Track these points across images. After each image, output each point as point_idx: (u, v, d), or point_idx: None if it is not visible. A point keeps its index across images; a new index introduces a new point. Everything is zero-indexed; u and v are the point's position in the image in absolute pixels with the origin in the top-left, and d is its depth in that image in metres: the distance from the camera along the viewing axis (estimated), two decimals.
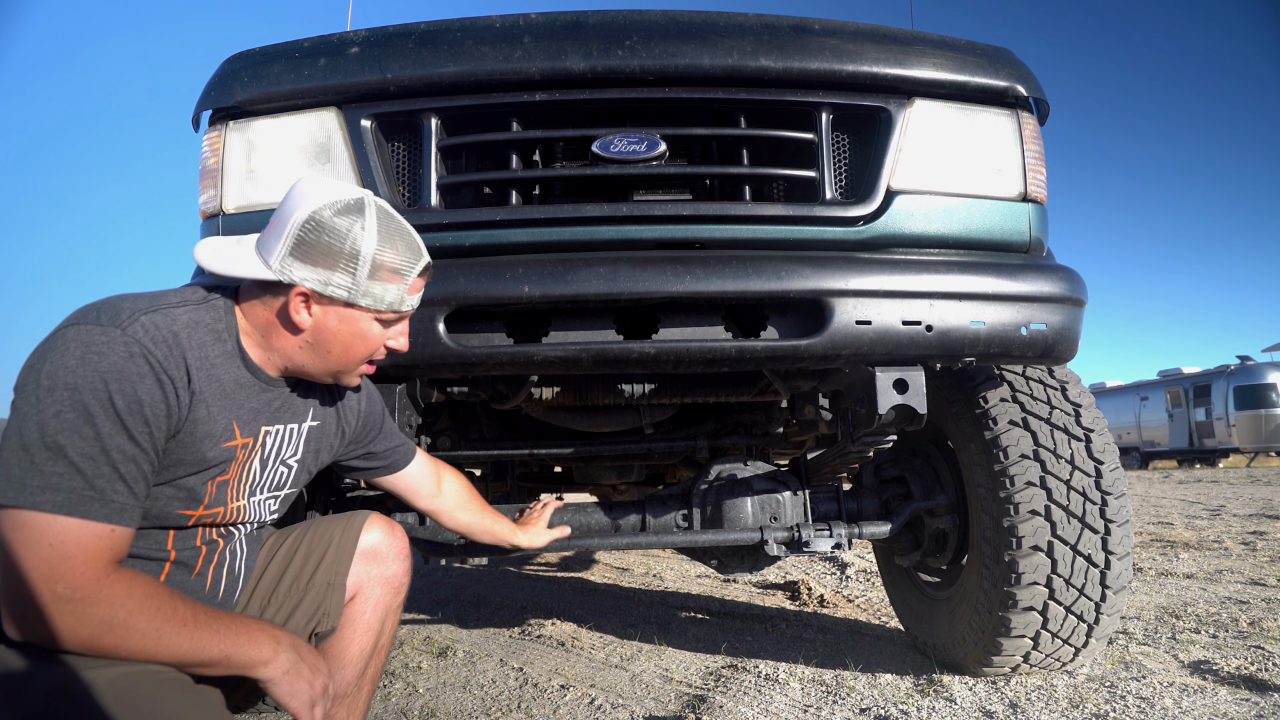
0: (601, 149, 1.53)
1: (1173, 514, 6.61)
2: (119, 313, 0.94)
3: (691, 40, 1.54)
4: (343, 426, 1.30)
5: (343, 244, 1.03)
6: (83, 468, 0.86)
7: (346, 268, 1.03)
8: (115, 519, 0.89)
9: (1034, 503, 1.81)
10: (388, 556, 1.34)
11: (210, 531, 1.11)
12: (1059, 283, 1.56)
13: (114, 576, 0.87)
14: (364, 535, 1.33)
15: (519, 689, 2.18)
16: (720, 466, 2.11)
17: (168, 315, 0.98)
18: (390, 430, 1.42)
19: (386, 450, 1.41)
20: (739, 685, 2.12)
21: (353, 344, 1.09)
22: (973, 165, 1.64)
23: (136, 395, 0.90)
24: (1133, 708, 1.84)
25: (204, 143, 1.60)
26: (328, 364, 1.11)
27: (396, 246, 1.07)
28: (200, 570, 1.10)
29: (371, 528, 1.34)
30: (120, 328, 0.92)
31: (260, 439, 1.12)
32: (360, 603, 1.30)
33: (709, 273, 1.43)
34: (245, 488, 1.12)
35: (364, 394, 1.35)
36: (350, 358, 1.11)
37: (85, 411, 0.87)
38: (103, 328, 0.91)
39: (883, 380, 1.53)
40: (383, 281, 1.06)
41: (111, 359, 0.90)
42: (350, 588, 1.29)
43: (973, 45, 1.67)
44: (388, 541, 1.34)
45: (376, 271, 1.05)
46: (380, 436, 1.40)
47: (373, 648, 1.31)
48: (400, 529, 1.38)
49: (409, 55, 1.52)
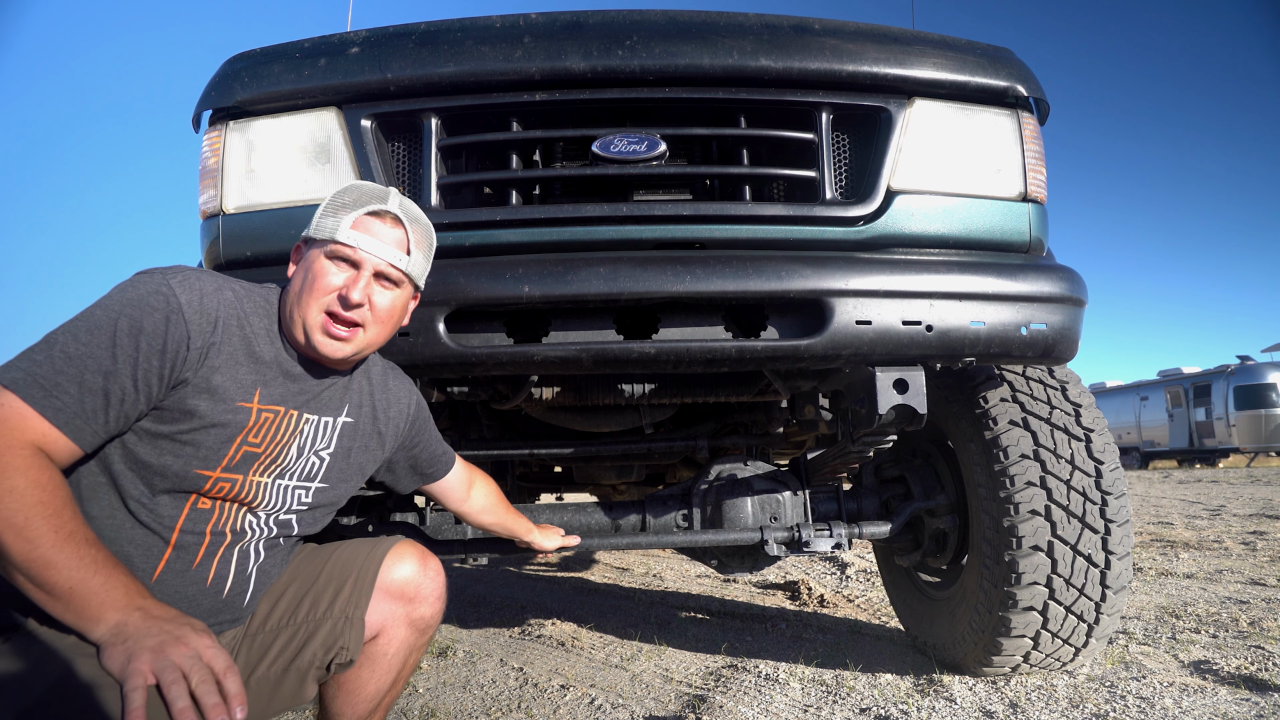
0: (601, 149, 1.53)
1: (1173, 514, 6.61)
2: (171, 268, 1.05)
3: (691, 40, 1.53)
4: (379, 428, 1.30)
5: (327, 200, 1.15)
6: (55, 361, 0.93)
7: (318, 212, 1.15)
8: (52, 415, 0.92)
9: (1034, 503, 1.81)
10: (420, 598, 1.25)
11: (224, 523, 1.10)
12: (1059, 283, 1.56)
13: (26, 453, 0.89)
14: (395, 568, 1.24)
15: (519, 689, 2.18)
16: (720, 466, 2.11)
17: (222, 281, 1.09)
18: (434, 439, 1.46)
19: (430, 458, 1.46)
20: (739, 685, 2.12)
21: (307, 280, 1.11)
22: (973, 165, 1.64)
23: (140, 324, 0.98)
24: (1133, 708, 1.84)
25: (204, 143, 1.60)
26: (295, 310, 1.11)
27: (353, 190, 1.15)
28: (201, 561, 1.09)
29: (401, 559, 1.25)
30: (165, 275, 1.02)
31: (298, 424, 1.15)
32: (383, 643, 1.23)
33: (709, 273, 1.43)
34: (275, 467, 1.14)
35: (412, 401, 1.38)
36: (306, 300, 1.10)
37: (90, 323, 0.96)
38: (151, 274, 1.02)
39: (883, 380, 1.53)
40: (330, 216, 1.13)
41: (139, 291, 1.00)
42: (374, 625, 1.21)
43: (973, 45, 1.67)
44: (421, 579, 1.26)
45: (332, 209, 1.13)
46: (424, 444, 1.43)
47: (390, 684, 1.27)
48: (436, 561, 1.29)
49: (409, 55, 1.52)
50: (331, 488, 1.25)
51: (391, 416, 1.32)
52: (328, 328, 1.11)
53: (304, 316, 1.10)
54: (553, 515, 2.07)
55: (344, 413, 1.23)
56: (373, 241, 1.12)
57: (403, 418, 1.35)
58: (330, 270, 1.11)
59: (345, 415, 1.23)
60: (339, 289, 1.10)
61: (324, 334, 1.11)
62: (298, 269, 1.15)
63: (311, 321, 1.10)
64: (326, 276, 1.10)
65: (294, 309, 1.12)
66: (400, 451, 1.39)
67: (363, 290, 1.11)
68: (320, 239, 1.12)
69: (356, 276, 1.11)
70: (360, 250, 1.11)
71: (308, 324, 1.10)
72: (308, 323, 1.10)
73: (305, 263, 1.14)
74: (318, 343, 1.11)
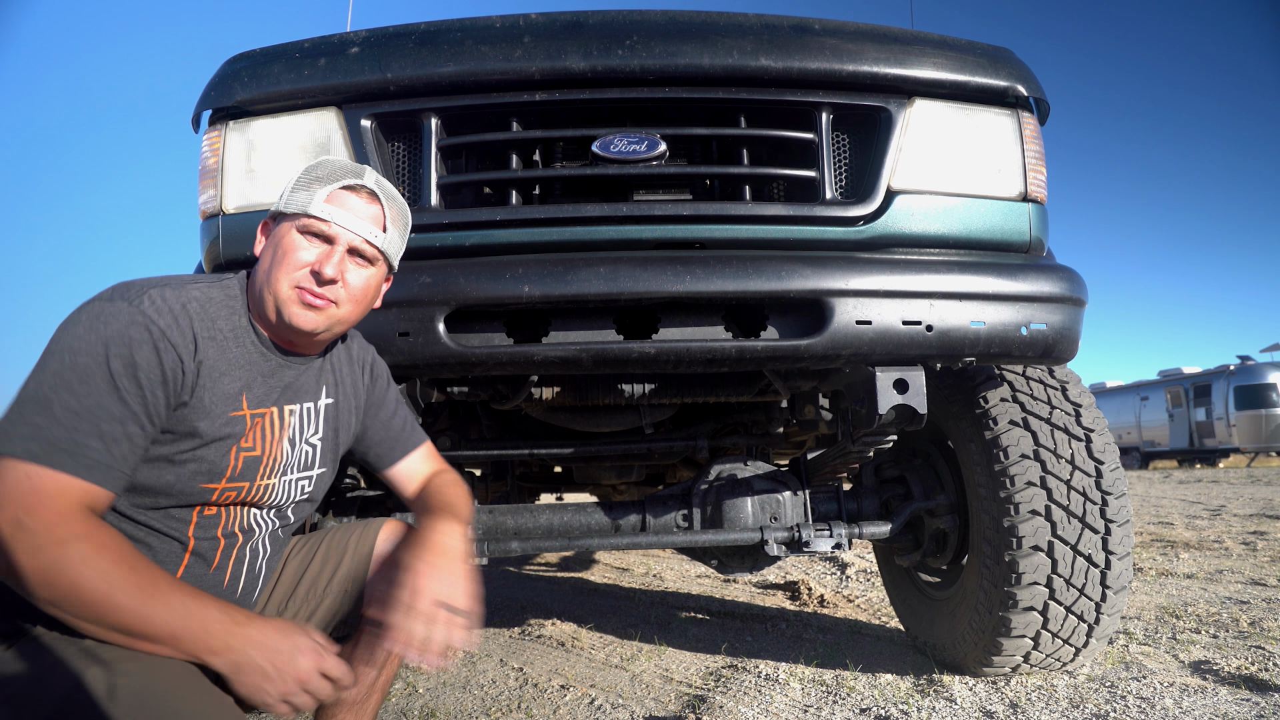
0: (601, 149, 1.53)
1: (1173, 514, 6.61)
2: (130, 288, 1.00)
3: (691, 40, 1.53)
4: (355, 402, 1.29)
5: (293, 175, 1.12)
6: (64, 421, 0.90)
7: (286, 186, 1.11)
8: (86, 474, 0.91)
9: (1034, 503, 1.81)
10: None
11: (232, 524, 1.11)
12: (1059, 283, 1.56)
13: (78, 520, 0.89)
14: (389, 542, 1.28)
15: (519, 689, 2.18)
16: (720, 466, 2.11)
17: (178, 290, 1.03)
18: (397, 416, 1.37)
19: (384, 434, 1.35)
20: (739, 685, 2.12)
21: (277, 255, 1.08)
22: (973, 165, 1.64)
23: (132, 359, 0.95)
24: (1133, 708, 1.84)
25: (204, 143, 1.60)
26: (265, 285, 1.08)
27: (325, 166, 1.12)
28: (219, 564, 1.11)
29: (395, 534, 1.30)
30: (128, 301, 0.97)
31: (284, 418, 1.14)
32: None
33: (709, 273, 1.43)
34: (278, 466, 1.14)
35: (374, 367, 1.33)
36: (277, 275, 1.07)
37: (79, 371, 0.92)
38: (113, 302, 0.97)
39: (883, 380, 1.53)
40: (305, 190, 1.09)
41: (114, 327, 0.95)
42: (367, 596, 1.25)
43: (973, 45, 1.67)
44: None
45: (303, 184, 1.09)
46: (381, 414, 1.34)
47: (385, 657, 1.28)
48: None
49: (409, 55, 1.52)
50: (329, 471, 1.26)
51: (356, 378, 1.30)
52: (303, 298, 1.07)
53: (274, 291, 1.07)
54: (553, 515, 2.07)
55: (323, 395, 1.22)
56: (347, 216, 1.08)
57: (367, 370, 1.32)
58: (301, 244, 1.07)
59: (325, 397, 1.22)
60: (311, 264, 1.07)
61: (299, 304, 1.07)
62: (266, 245, 1.11)
63: (283, 295, 1.07)
64: (298, 251, 1.07)
65: (263, 286, 1.08)
66: (365, 418, 1.33)
67: (336, 265, 1.07)
68: (291, 213, 1.08)
69: (330, 251, 1.08)
70: (334, 224, 1.08)
71: (279, 298, 1.07)
72: (279, 297, 1.07)
73: (274, 238, 1.10)
74: (290, 314, 1.07)
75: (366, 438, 1.34)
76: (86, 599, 0.86)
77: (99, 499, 0.93)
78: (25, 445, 0.89)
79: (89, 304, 0.98)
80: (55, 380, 0.91)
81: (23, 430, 0.89)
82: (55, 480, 0.89)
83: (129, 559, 0.90)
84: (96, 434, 0.92)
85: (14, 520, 0.86)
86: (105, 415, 0.92)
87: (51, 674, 0.87)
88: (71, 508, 0.89)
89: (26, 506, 0.87)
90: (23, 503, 0.87)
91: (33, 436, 0.89)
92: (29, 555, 0.86)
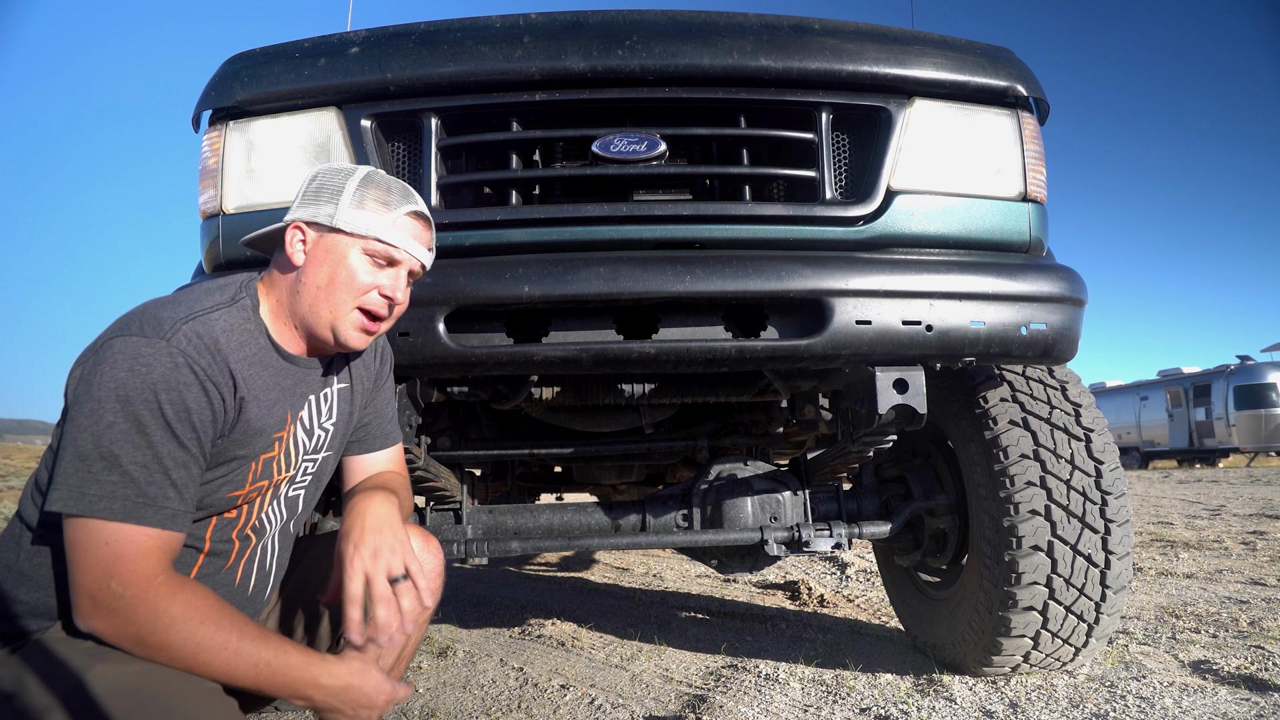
0: (601, 149, 1.53)
1: (1173, 514, 6.61)
2: (161, 323, 0.98)
3: (691, 40, 1.54)
4: (366, 385, 1.30)
5: (332, 183, 1.11)
6: (136, 476, 0.91)
7: (332, 199, 1.10)
8: (167, 524, 0.93)
9: (1034, 502, 1.81)
10: (423, 573, 1.27)
11: (245, 525, 1.13)
12: (1059, 282, 1.56)
13: (164, 578, 0.92)
14: None
15: (519, 689, 2.18)
16: (720, 466, 2.11)
17: (206, 323, 1.02)
18: (390, 405, 1.38)
19: (374, 419, 1.35)
20: (739, 685, 2.12)
21: (338, 274, 1.08)
22: (973, 165, 1.64)
23: (185, 404, 0.95)
24: (1133, 708, 1.84)
25: (204, 143, 1.60)
26: (319, 303, 1.08)
27: (381, 185, 1.12)
28: (233, 564, 1.12)
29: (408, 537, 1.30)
30: (165, 339, 0.96)
31: (298, 412, 1.16)
32: None
33: (709, 273, 1.43)
34: (293, 458, 1.16)
35: (384, 351, 1.35)
36: (337, 293, 1.08)
37: (137, 422, 0.92)
38: (148, 339, 0.96)
39: (883, 380, 1.53)
40: (368, 211, 1.09)
41: (159, 370, 0.94)
42: None
43: (973, 45, 1.67)
44: (423, 555, 1.27)
45: (362, 201, 1.09)
46: (377, 400, 1.35)
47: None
48: (435, 541, 1.31)
49: (409, 55, 1.52)
50: (334, 455, 1.28)
51: (367, 364, 1.31)
52: (363, 323, 1.11)
53: (334, 312, 1.08)
54: (553, 515, 2.07)
55: (337, 380, 1.24)
56: (413, 244, 1.12)
57: (376, 358, 1.33)
58: (366, 267, 1.09)
59: (339, 382, 1.24)
60: (378, 287, 1.10)
61: (358, 329, 1.11)
62: (317, 259, 1.09)
63: (345, 318, 1.09)
64: (364, 275, 1.09)
65: (319, 305, 1.08)
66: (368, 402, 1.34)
67: (404, 290, 1.14)
68: (354, 233, 1.08)
69: (396, 275, 1.12)
70: (403, 250, 1.11)
71: (338, 318, 1.09)
72: (339, 318, 1.09)
73: (333, 255, 1.08)
74: (346, 336, 1.10)
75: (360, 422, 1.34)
76: (176, 656, 0.90)
77: (176, 544, 0.96)
78: (106, 505, 0.90)
79: (120, 340, 0.95)
80: (114, 433, 0.91)
81: (97, 490, 0.90)
82: (137, 538, 0.91)
83: (214, 615, 0.93)
84: (169, 483, 0.94)
85: (104, 585, 0.88)
86: (173, 463, 0.94)
87: (54, 677, 0.87)
88: (157, 566, 0.92)
89: (114, 570, 0.89)
90: (110, 567, 0.89)
91: (111, 495, 0.90)
92: (123, 621, 0.89)
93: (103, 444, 0.90)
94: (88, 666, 0.88)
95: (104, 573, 0.88)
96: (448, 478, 2.09)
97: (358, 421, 1.33)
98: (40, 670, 0.88)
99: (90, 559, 0.89)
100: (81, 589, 0.89)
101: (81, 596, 0.90)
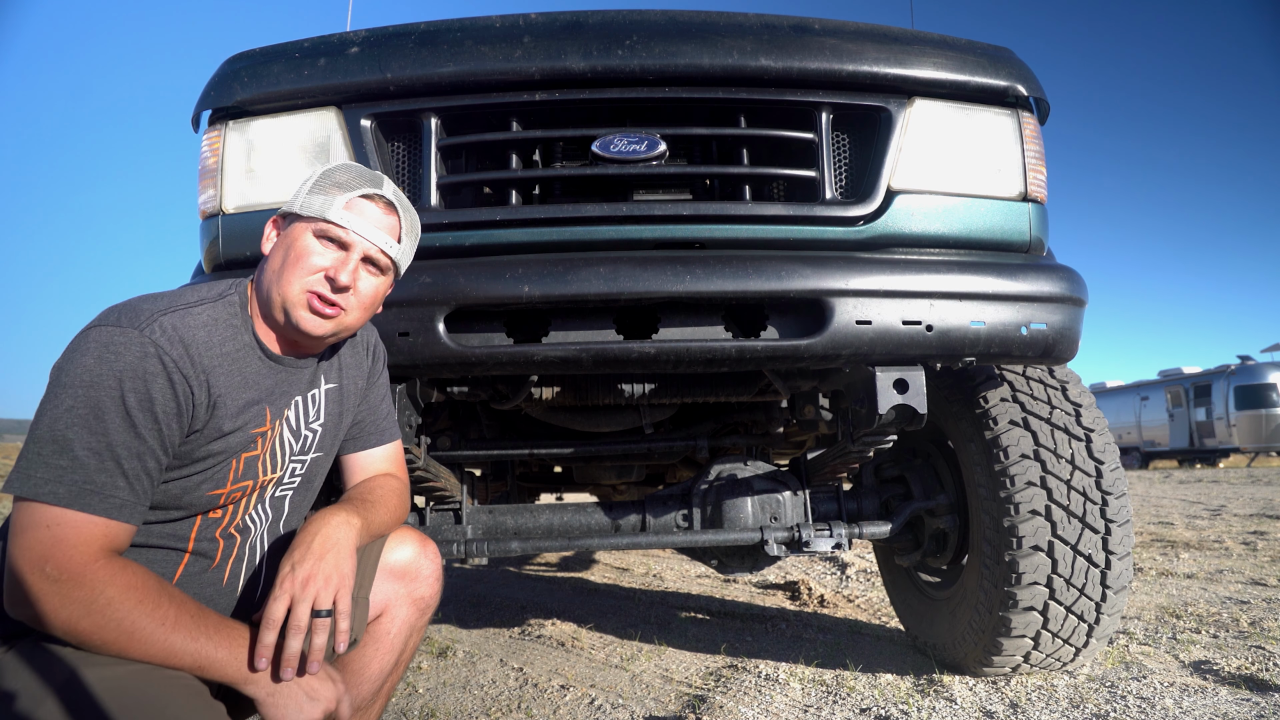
0: (601, 149, 1.53)
1: (1173, 514, 6.61)
2: (138, 314, 0.97)
3: (691, 40, 1.53)
4: (358, 385, 1.29)
5: (312, 175, 1.11)
6: (87, 462, 0.90)
7: (300, 188, 1.11)
8: (113, 514, 0.91)
9: (1034, 503, 1.81)
10: (420, 577, 1.27)
11: (229, 524, 1.12)
12: (1059, 282, 1.56)
13: (102, 563, 0.89)
14: (396, 549, 1.26)
15: (519, 689, 2.18)
16: (720, 466, 2.11)
17: (185, 315, 1.01)
18: (385, 401, 1.36)
19: (368, 416, 1.33)
20: (739, 685, 2.12)
21: (289, 256, 1.07)
22: (973, 165, 1.64)
23: (149, 394, 0.94)
24: (1133, 708, 1.84)
25: (204, 143, 1.60)
26: (273, 285, 1.07)
27: (346, 171, 1.11)
28: (219, 563, 1.11)
29: (401, 541, 1.28)
30: (138, 329, 0.95)
31: (283, 413, 1.14)
32: (386, 621, 1.25)
33: (709, 272, 1.43)
34: (279, 460, 1.15)
35: (376, 349, 1.33)
36: (289, 277, 1.06)
37: (96, 408, 0.90)
38: (122, 329, 0.95)
39: (883, 380, 1.53)
40: (322, 195, 1.08)
41: (127, 359, 0.93)
42: (377, 605, 1.23)
43: (973, 45, 1.67)
44: (421, 560, 1.27)
45: (322, 187, 1.09)
46: (371, 397, 1.33)
47: (393, 665, 1.28)
48: (433, 546, 1.31)
49: (409, 55, 1.52)
50: (325, 457, 1.26)
51: (360, 364, 1.30)
52: (311, 304, 1.07)
53: (284, 294, 1.06)
54: (553, 515, 2.07)
55: (325, 381, 1.22)
56: (365, 224, 1.09)
57: (369, 356, 1.32)
58: (316, 249, 1.07)
59: (327, 383, 1.22)
60: (325, 269, 1.07)
61: (307, 309, 1.07)
62: (277, 244, 1.10)
63: (293, 298, 1.06)
64: (311, 255, 1.07)
65: (272, 288, 1.07)
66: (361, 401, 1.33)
67: (350, 273, 1.08)
68: (307, 215, 1.08)
69: (345, 258, 1.08)
70: (352, 231, 1.08)
71: (288, 300, 1.06)
72: (288, 299, 1.06)
73: (287, 238, 1.09)
74: (299, 319, 1.07)
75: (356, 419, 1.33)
76: (110, 640, 0.88)
77: (123, 536, 0.94)
78: (51, 489, 0.88)
79: (95, 330, 0.95)
80: (71, 417, 0.90)
81: (45, 473, 0.88)
82: (80, 524, 0.89)
83: (153, 596, 0.91)
84: (120, 472, 0.92)
85: (39, 568, 0.86)
86: (126, 453, 0.92)
87: (48, 676, 0.87)
88: (96, 552, 0.89)
89: (51, 554, 0.87)
90: (48, 550, 0.87)
91: (58, 479, 0.88)
92: (55, 604, 0.86)
93: (58, 428, 0.89)
94: (82, 669, 0.87)
95: (40, 556, 0.86)
96: (447, 478, 2.09)
97: (351, 419, 1.32)
98: (33, 667, 0.88)
99: (27, 540, 0.87)
100: (14, 571, 0.87)
101: (10, 579, 0.87)
